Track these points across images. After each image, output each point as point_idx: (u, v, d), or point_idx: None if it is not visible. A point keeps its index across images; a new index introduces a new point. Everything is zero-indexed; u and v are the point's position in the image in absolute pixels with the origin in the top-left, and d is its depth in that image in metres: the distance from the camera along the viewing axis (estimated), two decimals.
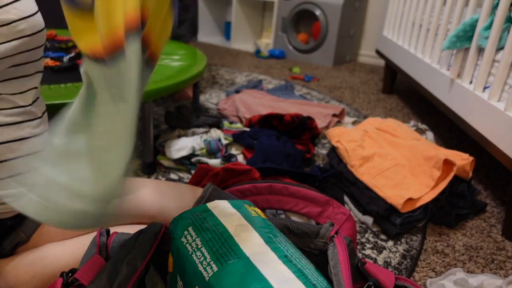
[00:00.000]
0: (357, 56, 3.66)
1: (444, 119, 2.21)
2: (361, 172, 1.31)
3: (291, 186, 1.01)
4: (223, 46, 3.89)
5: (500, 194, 1.46)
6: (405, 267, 1.07)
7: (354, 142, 1.41)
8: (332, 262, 0.56)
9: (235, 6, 3.68)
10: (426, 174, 1.26)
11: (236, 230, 0.57)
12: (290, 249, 0.55)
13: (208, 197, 0.81)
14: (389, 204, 1.19)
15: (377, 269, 0.58)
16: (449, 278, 1.00)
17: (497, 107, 1.26)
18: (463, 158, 1.29)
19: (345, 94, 2.59)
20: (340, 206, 0.97)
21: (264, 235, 0.56)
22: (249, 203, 0.67)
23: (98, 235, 0.61)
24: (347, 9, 3.22)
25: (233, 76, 2.81)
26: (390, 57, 2.43)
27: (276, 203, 1.01)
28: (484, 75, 1.38)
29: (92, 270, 0.55)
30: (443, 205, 1.25)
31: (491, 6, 1.37)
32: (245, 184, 1.03)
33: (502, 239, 1.22)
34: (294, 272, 0.50)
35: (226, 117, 1.94)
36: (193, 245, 0.56)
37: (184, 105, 1.78)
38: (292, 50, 3.51)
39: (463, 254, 1.14)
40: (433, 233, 1.23)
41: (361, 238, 1.18)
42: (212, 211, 0.62)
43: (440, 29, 1.75)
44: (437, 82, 1.73)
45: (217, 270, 0.50)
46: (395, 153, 1.38)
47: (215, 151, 1.43)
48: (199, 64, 1.70)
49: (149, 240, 0.58)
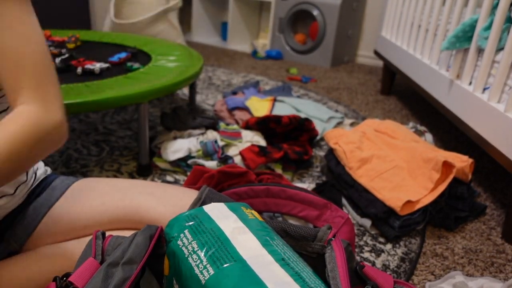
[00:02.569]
0: (355, 56, 3.66)
1: (443, 121, 2.20)
2: (359, 174, 1.30)
3: (288, 189, 1.00)
4: (220, 47, 3.88)
5: (500, 196, 1.46)
6: (404, 270, 1.06)
7: (352, 144, 1.40)
8: (330, 265, 0.55)
9: (231, 6, 3.68)
10: (425, 176, 1.25)
11: (232, 232, 0.56)
12: (288, 252, 0.54)
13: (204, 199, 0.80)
14: (388, 207, 1.18)
15: (376, 273, 0.58)
16: (448, 282, 0.99)
17: (497, 108, 1.25)
18: (463, 160, 1.28)
19: (343, 95, 2.58)
20: (338, 210, 0.96)
21: (261, 238, 0.56)
22: (246, 205, 0.66)
23: (94, 238, 0.59)
24: (345, 9, 3.21)
25: (230, 77, 2.80)
26: (389, 58, 2.43)
27: (273, 206, 1.00)
28: (483, 76, 1.37)
29: (87, 273, 0.54)
30: (442, 207, 1.24)
31: (491, 6, 1.37)
32: (242, 187, 1.02)
33: (502, 242, 1.21)
34: (292, 275, 0.49)
35: (222, 118, 1.93)
36: (189, 248, 0.55)
37: (180, 106, 1.77)
38: (290, 50, 3.50)
39: (463, 257, 1.13)
40: (432, 236, 1.22)
41: (359, 241, 1.16)
42: (208, 213, 0.61)
43: (439, 29, 1.74)
44: (436, 83, 1.72)
45: (213, 273, 0.50)
46: (394, 155, 1.37)
47: (211, 152, 1.42)
48: (195, 65, 1.68)
49: (145, 243, 0.57)
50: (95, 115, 1.95)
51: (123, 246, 0.57)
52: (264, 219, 0.64)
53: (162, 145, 1.48)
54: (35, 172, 0.85)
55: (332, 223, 0.95)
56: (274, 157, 1.42)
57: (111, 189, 0.82)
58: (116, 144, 1.65)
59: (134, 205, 0.79)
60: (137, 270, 0.54)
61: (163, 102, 2.16)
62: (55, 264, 0.75)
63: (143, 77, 1.46)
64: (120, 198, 0.80)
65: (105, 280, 0.52)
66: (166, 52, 1.87)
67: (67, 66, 1.51)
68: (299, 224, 0.84)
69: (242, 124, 1.66)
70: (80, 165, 1.47)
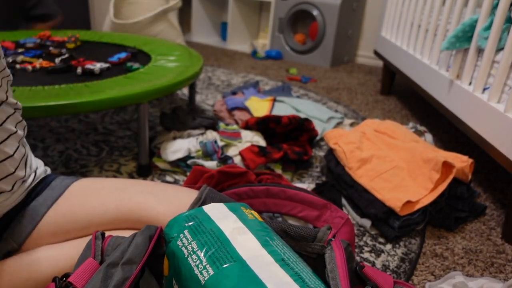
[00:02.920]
0: (355, 57, 3.66)
1: (443, 121, 2.20)
2: (359, 175, 1.30)
3: (288, 189, 0.99)
4: (219, 47, 3.88)
5: (500, 196, 1.46)
6: (404, 271, 1.06)
7: (352, 144, 1.40)
8: (330, 266, 0.55)
9: (231, 6, 3.67)
10: (425, 176, 1.25)
11: (232, 233, 0.56)
12: (287, 252, 0.54)
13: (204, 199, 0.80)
14: (388, 207, 1.17)
15: (376, 273, 0.58)
16: (448, 282, 0.99)
17: (497, 108, 1.25)
18: (463, 160, 1.28)
19: (342, 95, 2.58)
20: (338, 210, 0.96)
21: (261, 238, 0.56)
22: (246, 205, 0.66)
23: (93, 238, 0.59)
24: (345, 9, 3.21)
25: (230, 77, 2.80)
26: (389, 58, 2.42)
27: (273, 206, 1.00)
28: (483, 76, 1.37)
29: (86, 274, 0.54)
30: (442, 207, 1.24)
31: (491, 6, 1.37)
32: (242, 187, 1.02)
33: (502, 242, 1.21)
34: (291, 276, 0.49)
35: (222, 119, 1.93)
36: (188, 248, 0.55)
37: (180, 106, 1.77)
38: (289, 50, 3.50)
39: (463, 258, 1.13)
40: (432, 236, 1.22)
41: (359, 241, 1.16)
42: (208, 213, 0.61)
43: (439, 29, 1.74)
44: (436, 83, 1.72)
45: (213, 274, 0.50)
46: (394, 155, 1.37)
47: (211, 153, 1.42)
48: (195, 65, 1.68)
49: (144, 244, 0.57)
50: (94, 115, 1.95)
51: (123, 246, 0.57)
52: (263, 219, 0.64)
53: (162, 146, 1.48)
54: (35, 171, 0.84)
55: (332, 224, 0.95)
56: (274, 157, 1.42)
57: (111, 189, 0.82)
58: (115, 144, 1.65)
59: (133, 205, 0.79)
60: (137, 270, 0.54)
61: (162, 102, 2.16)
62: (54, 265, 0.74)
63: (143, 77, 1.46)
64: (119, 197, 0.80)
65: (105, 281, 0.52)
66: (166, 52, 1.87)
67: (67, 66, 1.51)
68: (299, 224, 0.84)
69: (241, 124, 1.66)
70: (80, 165, 1.47)
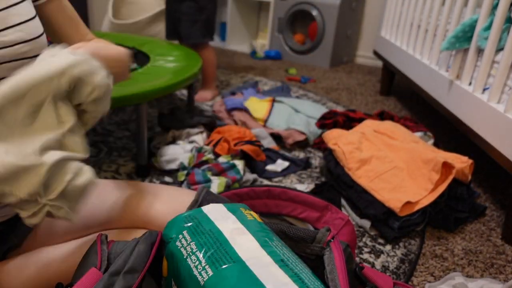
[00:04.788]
0: (355, 57, 3.66)
1: (443, 121, 2.20)
2: (358, 175, 1.30)
3: (289, 190, 0.99)
4: (218, 47, 3.87)
5: (500, 197, 1.45)
6: (403, 272, 1.06)
7: (351, 145, 1.40)
8: (329, 267, 0.55)
9: (230, 6, 3.67)
10: (424, 177, 1.25)
11: (231, 233, 0.56)
12: (286, 253, 0.54)
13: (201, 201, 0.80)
14: (387, 208, 1.17)
15: (375, 274, 0.58)
16: (448, 283, 0.99)
17: (497, 108, 1.25)
18: (462, 160, 1.28)
19: (342, 95, 2.58)
20: (339, 211, 0.96)
21: (260, 239, 0.55)
22: (245, 206, 0.66)
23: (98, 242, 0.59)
24: (344, 9, 3.21)
25: (229, 77, 2.80)
26: (388, 58, 2.42)
27: (274, 208, 1.00)
28: (483, 76, 1.36)
29: (89, 283, 0.54)
30: (442, 208, 1.24)
31: (491, 6, 1.36)
32: (243, 188, 1.02)
33: (501, 243, 1.21)
34: (291, 276, 0.49)
35: (221, 119, 1.92)
36: (187, 249, 0.55)
37: (178, 107, 1.76)
38: (288, 51, 3.50)
39: (462, 258, 1.13)
40: (432, 237, 1.21)
41: (359, 242, 1.16)
42: (207, 214, 0.61)
43: (439, 29, 1.74)
44: (436, 83, 1.72)
45: (212, 275, 0.49)
46: (393, 156, 1.37)
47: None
48: (193, 65, 1.68)
49: (146, 252, 0.57)
50: None
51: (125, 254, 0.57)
52: (263, 220, 0.64)
53: (158, 152, 1.48)
54: None
55: (333, 225, 0.95)
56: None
57: (110, 189, 0.82)
58: (114, 145, 1.65)
59: (133, 205, 0.79)
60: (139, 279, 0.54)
61: (161, 103, 2.15)
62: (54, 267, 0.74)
63: (141, 78, 1.46)
64: (119, 197, 0.80)
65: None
66: (165, 52, 1.87)
67: None
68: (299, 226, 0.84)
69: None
70: None
